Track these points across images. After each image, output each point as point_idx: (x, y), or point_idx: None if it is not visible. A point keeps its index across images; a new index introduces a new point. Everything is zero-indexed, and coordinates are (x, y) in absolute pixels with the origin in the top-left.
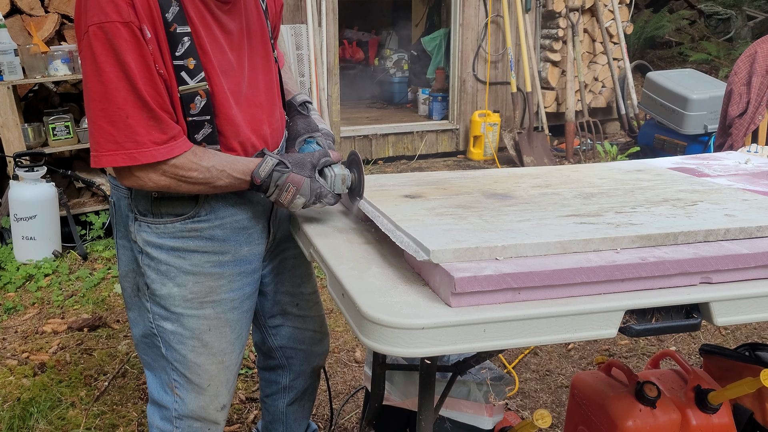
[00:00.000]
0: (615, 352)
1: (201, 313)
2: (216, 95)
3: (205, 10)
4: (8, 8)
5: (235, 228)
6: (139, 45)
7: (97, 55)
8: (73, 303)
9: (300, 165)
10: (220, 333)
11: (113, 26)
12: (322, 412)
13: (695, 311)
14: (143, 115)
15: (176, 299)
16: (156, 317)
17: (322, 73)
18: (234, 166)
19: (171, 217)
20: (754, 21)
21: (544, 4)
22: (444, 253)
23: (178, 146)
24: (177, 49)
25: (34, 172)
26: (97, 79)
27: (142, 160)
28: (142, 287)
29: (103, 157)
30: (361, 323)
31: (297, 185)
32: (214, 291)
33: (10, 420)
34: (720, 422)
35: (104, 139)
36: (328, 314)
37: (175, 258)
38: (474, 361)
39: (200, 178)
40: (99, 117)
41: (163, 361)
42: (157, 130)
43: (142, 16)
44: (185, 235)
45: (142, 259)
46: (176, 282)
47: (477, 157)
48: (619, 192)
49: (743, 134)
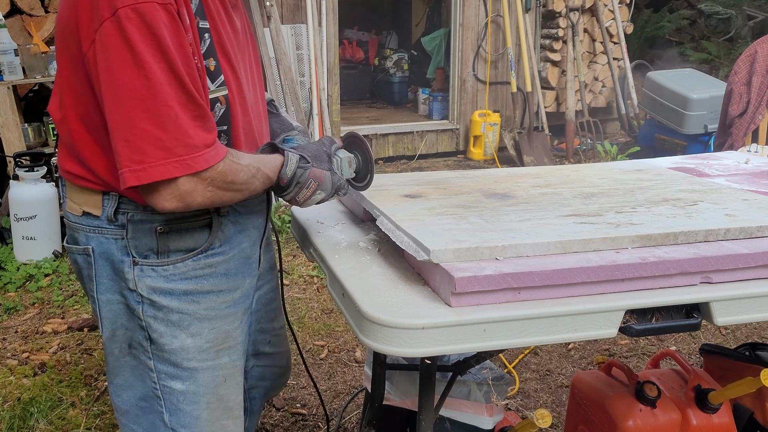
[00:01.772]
0: (615, 351)
1: (217, 364)
2: (234, 103)
3: (220, 5)
4: (8, 8)
5: (241, 258)
6: (179, 31)
7: (135, 43)
8: (74, 303)
9: (318, 158)
10: (236, 383)
11: (151, 7)
12: (321, 412)
13: (695, 311)
14: (191, 114)
15: (190, 352)
16: (162, 377)
17: (322, 73)
18: (264, 163)
19: (181, 253)
20: (754, 21)
21: (544, 4)
22: (444, 253)
23: (221, 147)
24: (200, 46)
25: (34, 172)
26: (136, 72)
27: (196, 167)
28: (142, 344)
29: (152, 169)
30: (362, 323)
31: (319, 180)
32: (230, 336)
33: (10, 420)
34: (720, 422)
35: (152, 146)
36: (328, 314)
37: (188, 304)
38: (474, 360)
39: (244, 181)
40: (140, 119)
41: (163, 430)
42: (204, 131)
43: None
44: (198, 275)
45: (145, 310)
46: (190, 332)
47: (477, 156)
48: (619, 192)
49: (743, 134)
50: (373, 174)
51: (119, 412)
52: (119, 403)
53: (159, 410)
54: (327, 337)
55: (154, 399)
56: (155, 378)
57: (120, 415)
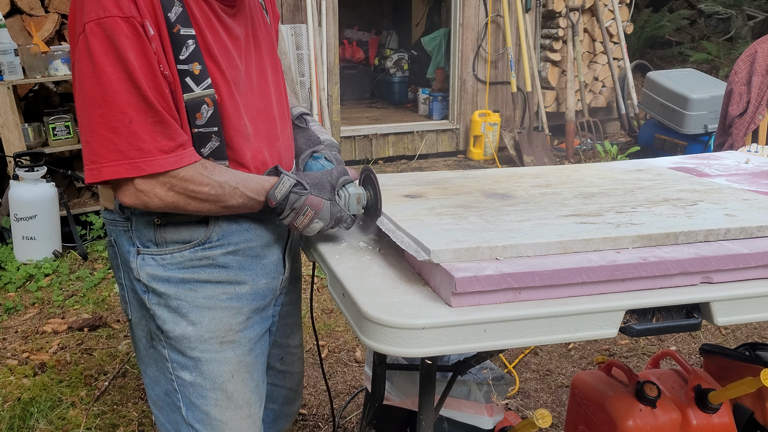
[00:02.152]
0: (615, 351)
1: (221, 357)
2: (224, 105)
3: (210, 13)
4: (8, 8)
5: (249, 256)
6: (142, 42)
7: (95, 54)
8: (74, 303)
9: (319, 186)
10: (242, 380)
11: (113, 21)
12: (321, 412)
13: (696, 311)
14: (148, 120)
15: (192, 340)
16: (175, 366)
17: (322, 73)
18: (248, 184)
19: (178, 244)
20: (754, 21)
21: (544, 4)
22: (444, 253)
23: (187, 155)
24: (181, 52)
25: (34, 172)
26: (94, 80)
27: (148, 170)
28: (156, 333)
29: (103, 169)
30: (362, 323)
31: (316, 208)
32: (233, 329)
33: (10, 420)
34: (720, 422)
35: (104, 148)
36: (328, 314)
37: (185, 291)
38: (474, 360)
39: (211, 195)
40: (97, 124)
41: (185, 428)
42: (164, 137)
43: (144, 11)
44: (195, 265)
45: (149, 298)
46: (190, 319)
47: (477, 156)
48: (619, 192)
49: (743, 134)
50: (380, 212)
51: (155, 406)
52: (154, 396)
53: (178, 405)
54: (327, 337)
55: (174, 393)
56: (170, 368)
57: (156, 409)
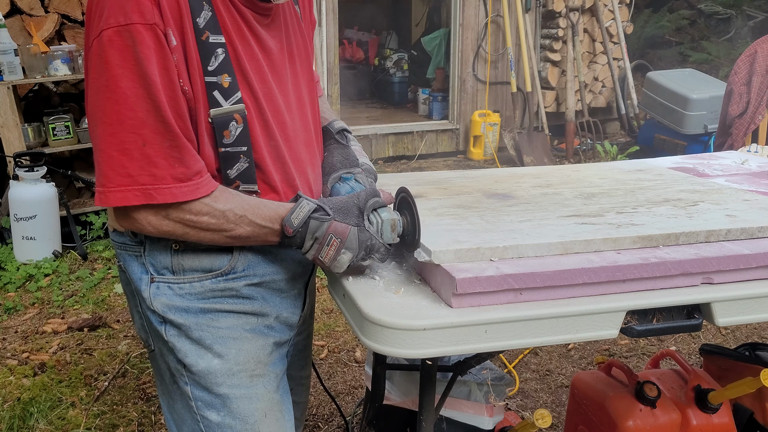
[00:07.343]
0: (615, 351)
1: (252, 393)
2: (254, 122)
3: (241, 21)
4: (8, 8)
5: (272, 289)
6: (164, 54)
7: (111, 66)
8: (73, 303)
9: (344, 211)
10: (276, 419)
11: (134, 29)
12: (321, 412)
13: (696, 312)
14: (164, 144)
15: (218, 375)
16: (200, 405)
17: (322, 73)
18: (258, 211)
19: (198, 273)
20: (754, 21)
21: (544, 4)
22: (445, 253)
23: (204, 185)
24: (209, 62)
25: (34, 172)
26: (108, 95)
27: (159, 199)
28: (177, 368)
29: (111, 194)
30: (362, 324)
31: (342, 236)
32: (261, 361)
33: (10, 420)
34: (720, 422)
35: (113, 171)
36: (328, 314)
37: (207, 321)
38: (474, 361)
39: (212, 224)
40: (108, 143)
41: None
42: (180, 164)
43: (168, 18)
44: (217, 296)
45: (167, 330)
46: (215, 351)
47: (477, 156)
48: (619, 192)
49: (743, 134)
50: (419, 243)
51: None
52: None
53: None
54: (327, 337)
55: None
56: (195, 408)
57: None
